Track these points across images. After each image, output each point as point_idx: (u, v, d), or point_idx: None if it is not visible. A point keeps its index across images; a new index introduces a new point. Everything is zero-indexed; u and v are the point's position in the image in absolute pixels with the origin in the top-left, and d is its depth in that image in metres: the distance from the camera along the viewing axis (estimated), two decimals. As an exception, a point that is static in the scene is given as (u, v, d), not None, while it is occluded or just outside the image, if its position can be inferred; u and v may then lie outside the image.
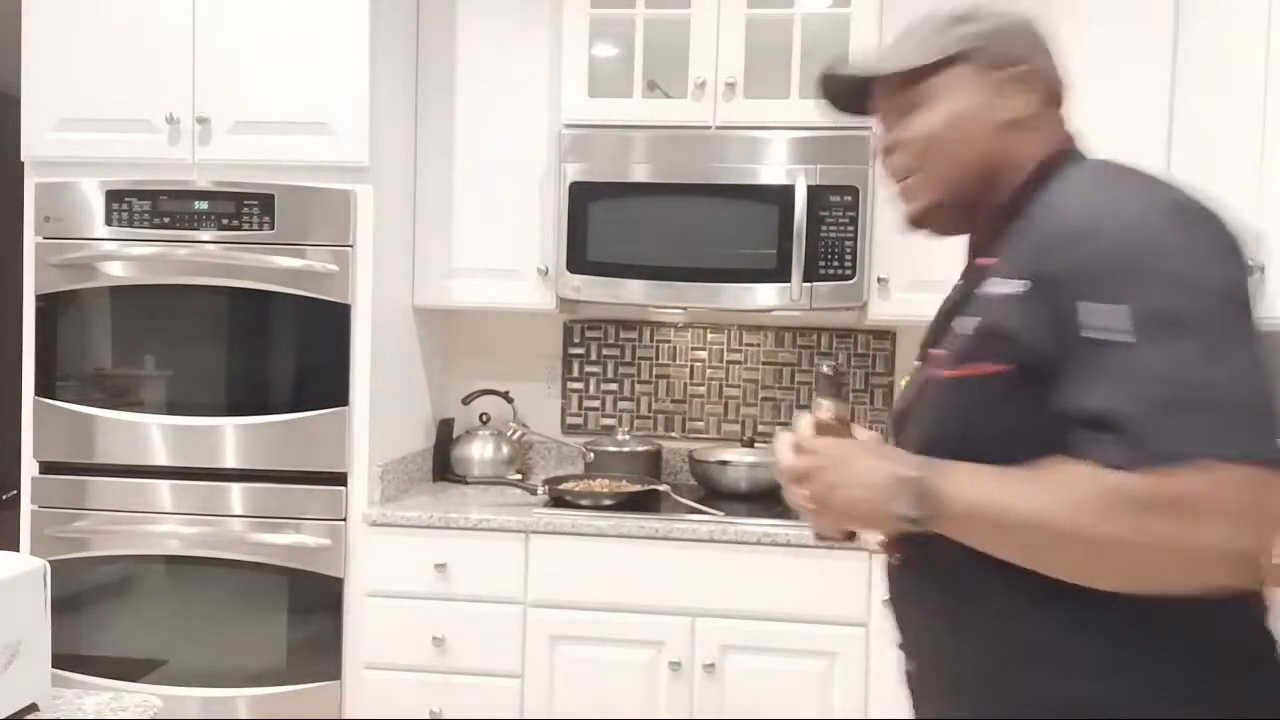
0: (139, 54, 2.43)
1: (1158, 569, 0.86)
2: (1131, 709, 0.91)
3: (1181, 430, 0.83)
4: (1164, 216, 0.93)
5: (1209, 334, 0.86)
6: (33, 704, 1.14)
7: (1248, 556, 0.85)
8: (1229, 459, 0.82)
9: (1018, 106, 1.07)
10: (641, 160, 2.56)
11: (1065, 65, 1.12)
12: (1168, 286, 0.88)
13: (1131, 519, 0.84)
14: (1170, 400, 0.84)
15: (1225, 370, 0.84)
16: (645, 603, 2.36)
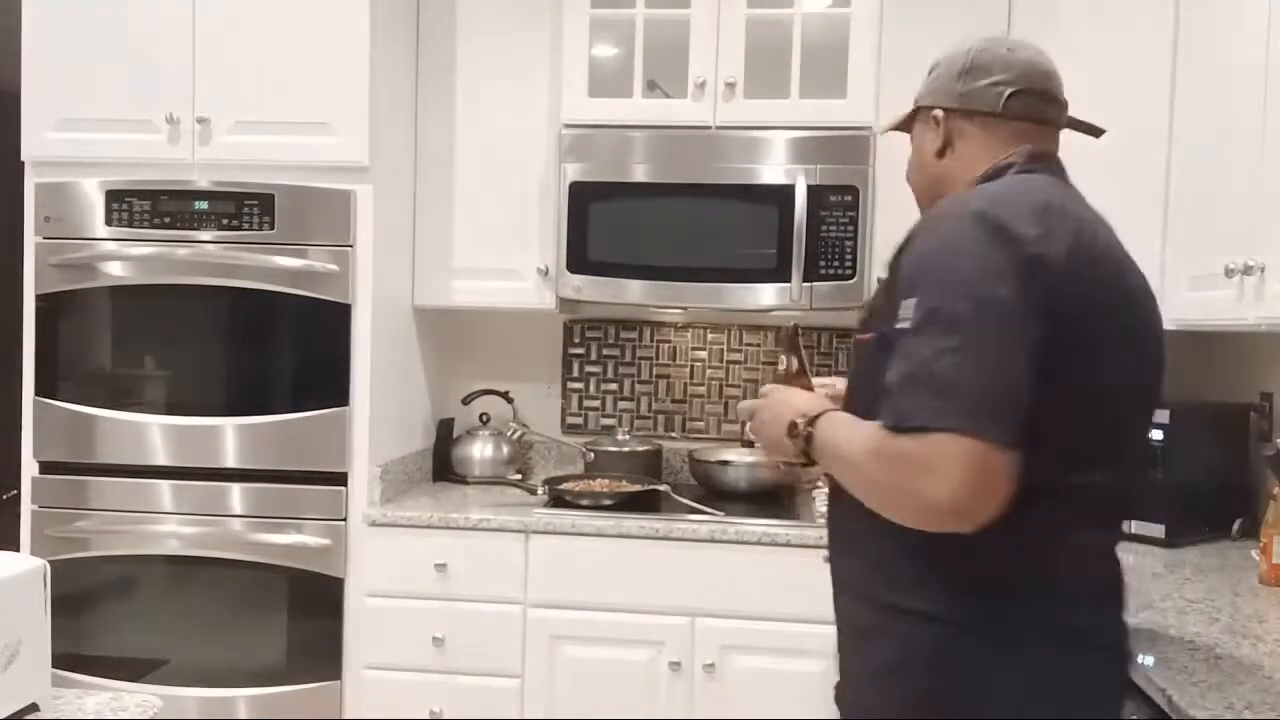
0: (139, 54, 2.43)
1: (893, 506, 1.11)
2: (923, 618, 1.15)
3: (921, 404, 1.05)
4: (962, 234, 1.11)
5: (967, 333, 1.05)
6: (33, 704, 1.14)
7: (957, 511, 1.03)
8: (951, 430, 1.02)
9: (943, 138, 1.33)
10: (641, 160, 2.56)
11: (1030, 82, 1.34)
12: (946, 291, 1.08)
13: (879, 465, 1.10)
14: (920, 379, 1.06)
15: (970, 364, 1.04)
16: (645, 603, 2.36)
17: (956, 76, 1.33)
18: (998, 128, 1.31)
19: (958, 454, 1.02)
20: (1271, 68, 1.81)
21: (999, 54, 1.34)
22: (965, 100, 1.32)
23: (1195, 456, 2.26)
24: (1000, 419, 1.03)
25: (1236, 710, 1.25)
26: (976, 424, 1.02)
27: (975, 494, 1.03)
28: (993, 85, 1.31)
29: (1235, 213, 1.93)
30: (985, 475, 1.02)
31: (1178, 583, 1.90)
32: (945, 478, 1.02)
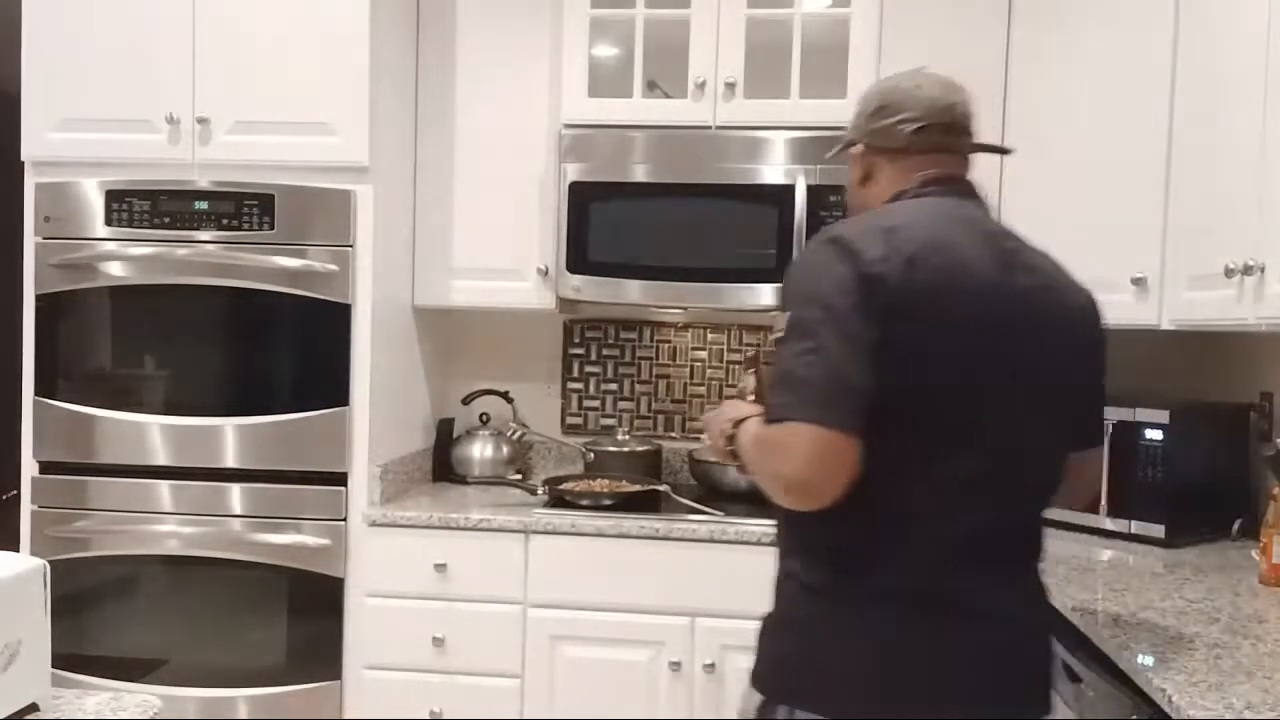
0: (139, 54, 2.43)
1: (765, 485, 1.32)
2: (794, 581, 1.39)
3: (782, 400, 1.26)
4: (819, 255, 1.33)
5: (816, 338, 1.25)
6: (33, 704, 1.14)
7: (804, 486, 1.24)
8: (799, 419, 1.23)
9: (864, 170, 1.51)
10: (641, 160, 2.56)
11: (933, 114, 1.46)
12: (804, 303, 1.29)
13: (757, 453, 1.34)
14: (784, 379, 1.27)
15: (817, 364, 1.24)
16: (645, 603, 2.36)
17: (869, 116, 1.50)
18: (904, 160, 1.46)
19: (803, 438, 1.23)
20: (1271, 68, 1.81)
21: (907, 92, 1.48)
22: (876, 137, 1.48)
23: (1195, 456, 2.26)
24: (839, 409, 1.23)
25: (1236, 710, 1.25)
26: (820, 414, 1.22)
27: (818, 471, 1.23)
28: (898, 123, 1.46)
29: (1235, 213, 1.93)
30: (825, 456, 1.22)
31: (1178, 583, 1.90)
32: (793, 458, 1.24)
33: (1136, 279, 2.30)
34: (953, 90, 1.49)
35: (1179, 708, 1.28)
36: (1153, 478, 2.23)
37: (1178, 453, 2.22)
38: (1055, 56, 2.47)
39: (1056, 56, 2.47)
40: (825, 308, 1.26)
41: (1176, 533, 2.21)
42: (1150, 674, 1.38)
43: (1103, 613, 1.68)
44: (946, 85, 1.49)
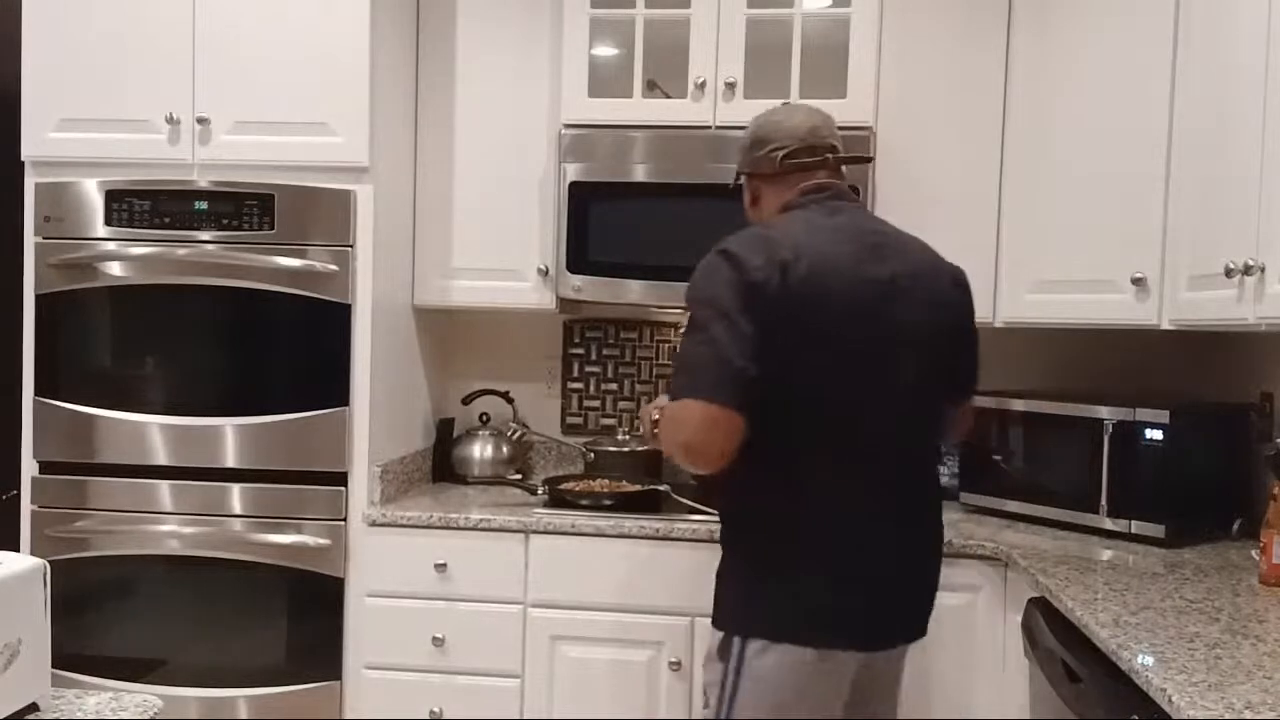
0: (139, 54, 2.43)
1: (671, 453, 1.62)
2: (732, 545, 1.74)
3: (680, 382, 1.56)
4: (711, 264, 1.61)
5: (707, 331, 1.54)
6: (33, 704, 1.14)
7: (693, 450, 1.56)
8: (694, 397, 1.53)
9: (751, 195, 1.82)
10: (641, 160, 2.56)
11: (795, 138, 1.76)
12: (698, 303, 1.58)
13: (664, 424, 1.62)
14: (682, 366, 1.57)
15: (706, 352, 1.53)
16: (645, 603, 2.36)
17: (747, 149, 1.79)
18: (780, 181, 1.75)
19: (694, 411, 1.53)
20: (1272, 67, 1.81)
21: (776, 124, 1.77)
22: (754, 166, 1.78)
23: (1195, 456, 2.26)
24: (722, 388, 1.51)
25: (1236, 710, 1.25)
26: (709, 392, 1.52)
27: (704, 438, 1.54)
28: (770, 152, 1.75)
29: (1235, 213, 1.93)
30: (710, 426, 1.52)
31: (1178, 583, 1.90)
32: (686, 428, 1.54)
33: (1136, 279, 2.30)
34: (814, 115, 1.79)
35: (1179, 708, 1.28)
36: (1153, 478, 2.23)
37: (1178, 453, 2.22)
38: (1055, 56, 2.47)
39: (1056, 56, 2.47)
40: (716, 308, 1.55)
41: (1176, 533, 2.21)
42: (1150, 674, 1.38)
43: (1103, 613, 1.68)
44: (810, 112, 1.79)
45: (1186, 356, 2.73)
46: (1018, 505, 2.49)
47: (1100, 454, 2.29)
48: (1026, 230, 2.53)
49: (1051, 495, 2.42)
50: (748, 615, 1.67)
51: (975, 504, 2.59)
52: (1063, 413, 2.42)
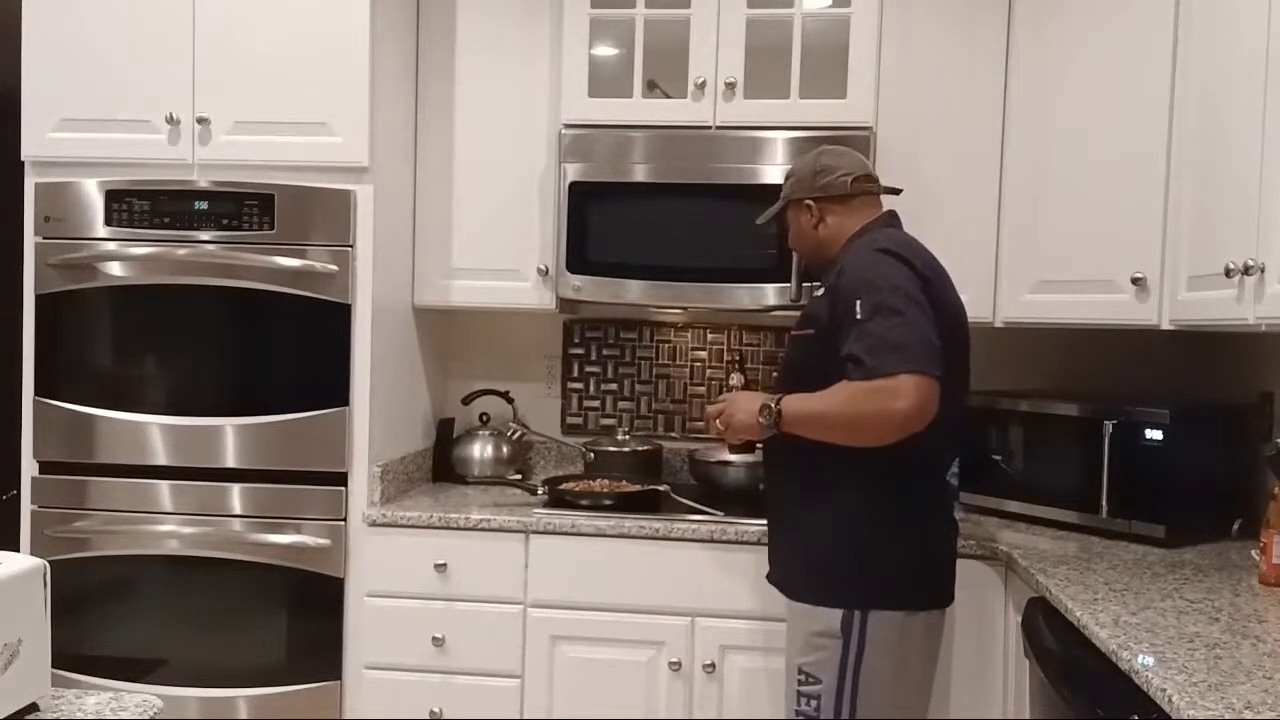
0: (139, 54, 2.43)
1: (872, 430, 1.72)
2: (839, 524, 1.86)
3: (886, 359, 1.67)
4: (881, 261, 1.80)
5: (904, 314, 1.70)
6: (33, 704, 1.14)
7: (912, 419, 1.67)
8: (906, 370, 1.66)
9: (818, 217, 1.99)
10: (641, 160, 2.56)
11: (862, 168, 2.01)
12: (883, 292, 1.73)
13: (859, 400, 1.70)
14: (882, 346, 1.68)
15: (911, 332, 1.69)
16: (645, 603, 2.36)
17: (813, 175, 1.99)
18: (850, 202, 1.97)
19: (914, 383, 1.66)
20: (1271, 67, 1.80)
21: (836, 154, 2.01)
22: (825, 190, 1.98)
23: (1195, 456, 2.26)
24: (934, 362, 1.69)
25: (1236, 710, 1.25)
26: (922, 365, 1.67)
27: (926, 407, 1.68)
28: (839, 177, 1.97)
29: (1235, 212, 1.93)
30: (928, 395, 1.67)
31: (1178, 583, 1.90)
32: (906, 398, 1.66)
33: (1136, 279, 2.30)
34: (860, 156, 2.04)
35: (1179, 708, 1.27)
36: (1153, 478, 2.23)
37: (1178, 453, 2.21)
38: (1055, 56, 2.47)
39: (1056, 56, 2.47)
40: (904, 294, 1.72)
41: (1176, 533, 2.21)
42: (1150, 674, 1.38)
43: (1103, 613, 1.68)
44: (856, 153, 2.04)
45: (1186, 356, 2.73)
46: (1018, 505, 2.49)
47: (1100, 454, 2.29)
48: (1026, 230, 2.53)
49: (1051, 495, 2.42)
50: (868, 587, 1.82)
51: (975, 504, 2.59)
52: (1063, 413, 2.42)
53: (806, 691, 1.86)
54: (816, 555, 1.88)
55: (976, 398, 2.61)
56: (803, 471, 1.90)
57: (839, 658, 1.82)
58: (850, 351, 1.71)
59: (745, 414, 1.90)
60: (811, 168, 2.00)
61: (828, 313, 1.81)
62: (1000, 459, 2.55)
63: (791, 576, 1.95)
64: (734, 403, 1.95)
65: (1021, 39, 2.53)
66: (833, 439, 1.78)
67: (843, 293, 1.78)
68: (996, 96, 2.57)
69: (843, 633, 1.82)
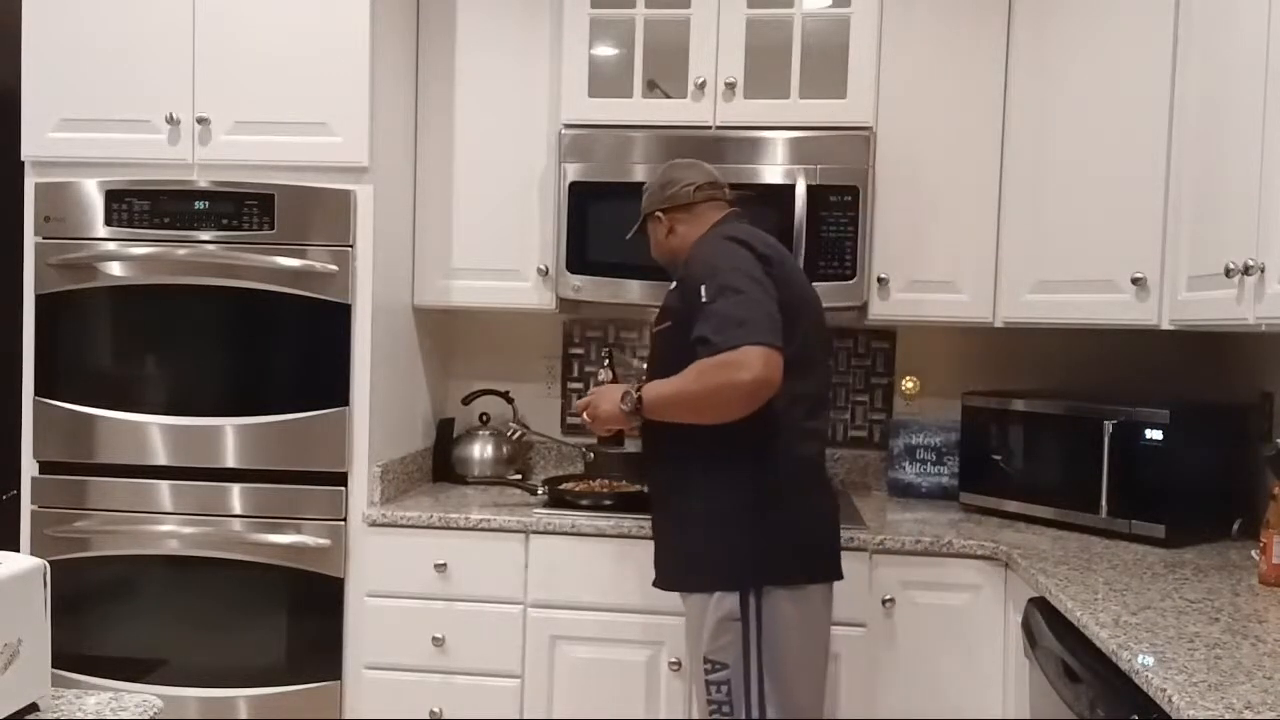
0: (139, 54, 2.43)
1: (718, 402, 1.76)
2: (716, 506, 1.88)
3: (730, 334, 1.73)
4: (723, 247, 1.88)
5: (744, 293, 1.77)
6: (33, 704, 1.14)
7: (758, 388, 1.72)
8: (749, 343, 1.71)
9: (668, 227, 2.08)
10: (641, 160, 2.56)
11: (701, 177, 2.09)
12: (725, 275, 1.80)
13: (705, 378, 1.75)
14: (726, 323, 1.74)
15: (752, 307, 1.76)
16: (645, 603, 2.36)
17: (661, 188, 2.08)
18: (694, 209, 2.06)
19: (757, 353, 1.71)
20: (1272, 67, 1.81)
21: (683, 167, 2.12)
22: (671, 200, 2.07)
23: (1195, 456, 2.26)
24: (774, 333, 1.75)
25: (1236, 710, 1.25)
26: (763, 337, 1.73)
27: (770, 375, 1.72)
28: (683, 188, 2.06)
29: (1235, 213, 1.93)
30: (771, 365, 1.72)
31: (1178, 583, 1.90)
32: (751, 368, 1.71)
33: (1136, 279, 2.30)
34: (706, 166, 2.12)
35: (1179, 708, 1.28)
36: (1153, 478, 2.23)
37: (1178, 453, 2.22)
38: (1055, 56, 2.47)
39: (1056, 56, 2.47)
40: (743, 273, 1.80)
41: (1176, 533, 2.21)
42: (1150, 674, 1.38)
43: (1103, 613, 1.68)
44: (704, 164, 2.13)
45: (1186, 356, 2.73)
46: (1018, 505, 2.49)
47: (1100, 454, 2.29)
48: (1026, 230, 2.53)
49: (1051, 495, 2.42)
50: (758, 565, 1.83)
51: (975, 504, 2.59)
52: (1063, 413, 2.42)
53: (715, 679, 1.87)
54: (700, 542, 1.89)
55: (976, 398, 2.62)
56: (672, 459, 1.94)
57: (740, 640, 1.83)
58: (700, 334, 1.77)
59: (609, 403, 1.95)
60: (660, 182, 2.09)
61: (680, 303, 1.87)
62: (1000, 459, 2.55)
63: (680, 571, 1.95)
64: (599, 394, 2.01)
65: (1021, 39, 2.53)
66: (691, 418, 1.81)
67: (690, 281, 1.85)
68: (996, 96, 2.57)
69: (741, 615, 1.83)
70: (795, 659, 1.86)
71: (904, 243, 2.59)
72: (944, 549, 2.27)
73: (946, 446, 2.80)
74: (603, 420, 1.99)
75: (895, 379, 2.96)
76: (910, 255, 2.58)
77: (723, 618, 1.84)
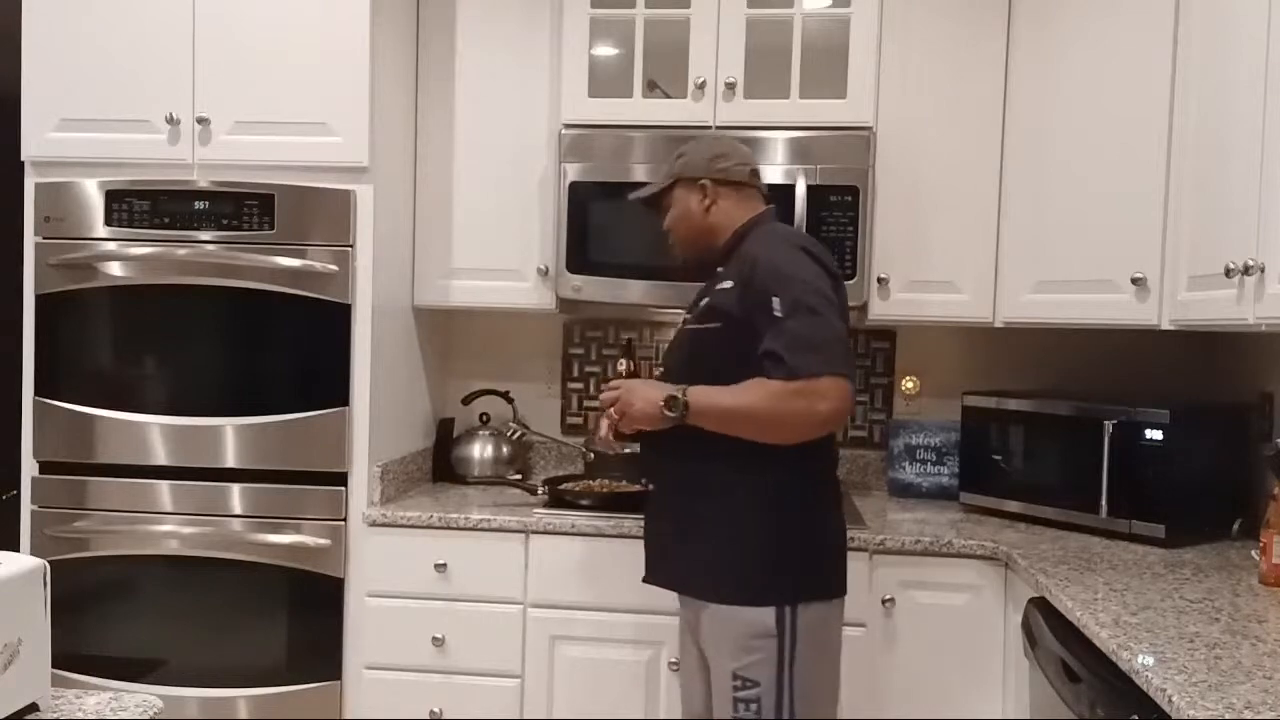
0: (139, 54, 2.43)
1: (791, 429, 1.73)
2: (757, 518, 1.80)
3: (808, 360, 1.69)
4: (792, 256, 1.79)
5: (820, 314, 1.71)
6: (33, 704, 1.14)
7: (833, 421, 1.73)
8: (829, 373, 1.68)
9: (711, 200, 1.94)
10: (641, 160, 2.56)
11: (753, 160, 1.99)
12: (800, 290, 1.73)
13: (783, 400, 1.70)
14: (802, 346, 1.69)
15: (825, 331, 1.71)
16: (645, 603, 2.36)
17: (710, 159, 1.94)
18: (743, 192, 1.95)
19: (836, 386, 1.69)
20: (1271, 67, 1.80)
21: (730, 143, 2.00)
22: (723, 173, 1.93)
23: (1195, 456, 2.26)
24: (849, 363, 1.74)
25: (1236, 710, 1.25)
26: (842, 367, 1.71)
27: (846, 408, 1.72)
28: (738, 164, 1.95)
29: (1235, 212, 1.93)
30: (847, 398, 1.71)
31: (1178, 583, 1.90)
32: (830, 400, 1.69)
33: (1136, 279, 2.30)
34: None
35: (1179, 708, 1.28)
36: (1153, 478, 2.23)
37: (1178, 453, 2.22)
38: (1055, 56, 2.47)
39: (1056, 56, 2.47)
40: (820, 294, 1.74)
41: (1176, 533, 2.21)
42: (1150, 674, 1.38)
43: (1103, 613, 1.68)
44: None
45: (1186, 356, 2.73)
46: (1018, 505, 2.49)
47: (1100, 454, 2.29)
48: (1026, 230, 2.53)
49: (1051, 495, 2.42)
50: (795, 578, 1.79)
51: (975, 504, 2.59)
52: (1063, 413, 2.42)
53: (745, 697, 1.78)
54: (732, 550, 1.80)
55: (976, 398, 2.62)
56: (698, 459, 1.83)
57: (775, 657, 1.76)
58: (770, 348, 1.70)
59: (646, 403, 1.80)
60: (709, 151, 1.95)
61: (736, 306, 1.78)
62: (1000, 459, 2.55)
63: (706, 578, 1.84)
64: (632, 391, 1.85)
65: (1021, 39, 2.53)
66: (742, 434, 1.75)
67: (756, 286, 1.75)
68: (997, 97, 2.57)
69: (777, 630, 1.76)
70: (823, 674, 1.83)
71: (904, 243, 2.59)
72: (944, 549, 2.27)
73: (946, 446, 2.80)
74: (634, 419, 1.84)
75: (895, 379, 2.96)
76: (910, 255, 2.58)
77: (757, 633, 1.77)
